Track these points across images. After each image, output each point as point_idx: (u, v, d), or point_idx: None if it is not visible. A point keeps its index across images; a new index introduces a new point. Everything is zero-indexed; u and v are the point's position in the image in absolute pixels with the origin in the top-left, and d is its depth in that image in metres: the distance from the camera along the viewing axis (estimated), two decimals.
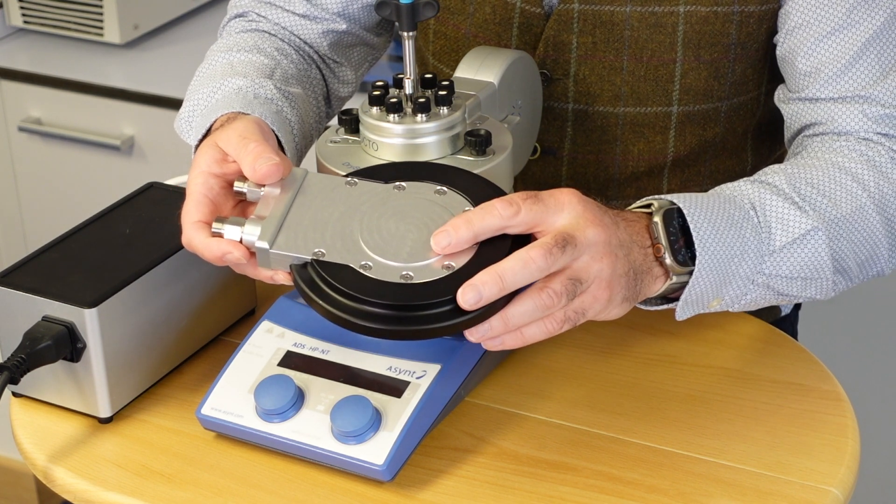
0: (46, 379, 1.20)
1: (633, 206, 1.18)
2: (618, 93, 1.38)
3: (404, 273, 1.09)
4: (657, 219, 1.15)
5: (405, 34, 1.19)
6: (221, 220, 1.13)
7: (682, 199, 1.16)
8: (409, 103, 1.21)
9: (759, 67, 1.39)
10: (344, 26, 1.44)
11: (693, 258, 1.15)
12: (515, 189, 1.38)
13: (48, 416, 1.21)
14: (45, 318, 1.17)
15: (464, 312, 1.07)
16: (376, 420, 1.12)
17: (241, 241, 1.12)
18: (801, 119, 1.31)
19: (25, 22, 2.55)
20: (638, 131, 1.39)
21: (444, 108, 1.21)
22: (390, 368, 1.15)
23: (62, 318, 1.17)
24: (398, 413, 1.12)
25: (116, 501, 1.13)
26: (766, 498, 1.11)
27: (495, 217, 1.08)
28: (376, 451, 1.11)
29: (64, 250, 1.23)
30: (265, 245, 1.11)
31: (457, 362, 1.17)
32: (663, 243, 1.14)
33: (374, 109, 1.21)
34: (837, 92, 1.28)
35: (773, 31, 1.35)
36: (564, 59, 1.38)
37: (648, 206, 1.17)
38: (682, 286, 1.16)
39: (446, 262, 1.09)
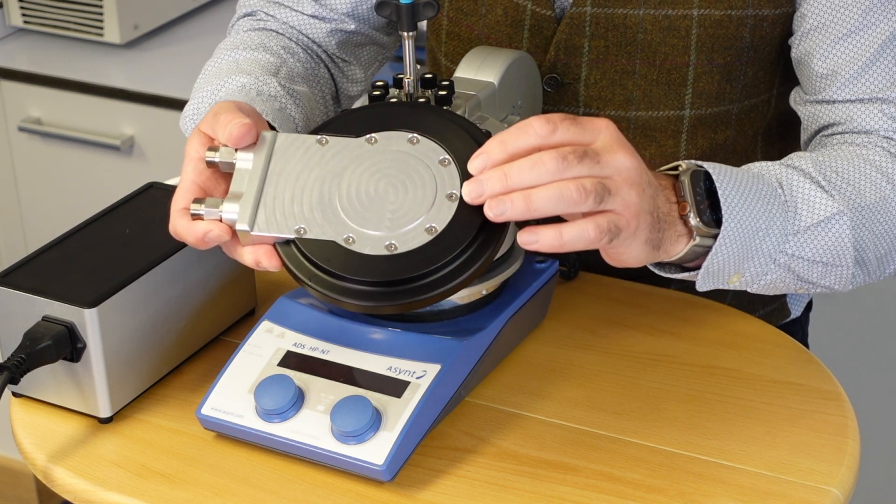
0: (46, 379, 1.20)
1: (660, 169, 1.17)
2: (629, 97, 1.38)
3: (388, 243, 1.09)
4: (685, 178, 1.14)
5: (405, 34, 1.19)
6: (199, 200, 1.13)
7: (710, 165, 1.15)
8: None
9: (771, 70, 1.39)
10: (353, 26, 1.44)
11: (717, 222, 1.14)
12: None
13: (48, 416, 1.21)
14: (45, 318, 1.17)
15: (451, 280, 1.08)
16: (376, 420, 1.12)
17: (221, 221, 1.12)
18: (820, 120, 1.31)
19: (25, 22, 2.55)
20: (649, 135, 1.39)
21: (444, 108, 1.21)
22: (390, 368, 1.15)
23: (62, 318, 1.17)
24: (398, 413, 1.12)
25: (116, 501, 1.13)
26: (766, 498, 1.11)
27: (531, 136, 1.06)
28: (376, 451, 1.11)
29: (64, 250, 1.23)
30: (245, 227, 1.11)
31: (457, 362, 1.17)
32: (689, 201, 1.13)
33: None
34: (855, 94, 1.28)
35: (787, 34, 1.35)
36: (576, 63, 1.38)
37: (675, 168, 1.16)
38: (703, 254, 1.15)
39: (428, 225, 1.09)
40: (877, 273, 1.24)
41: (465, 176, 1.10)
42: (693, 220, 1.13)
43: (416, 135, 1.13)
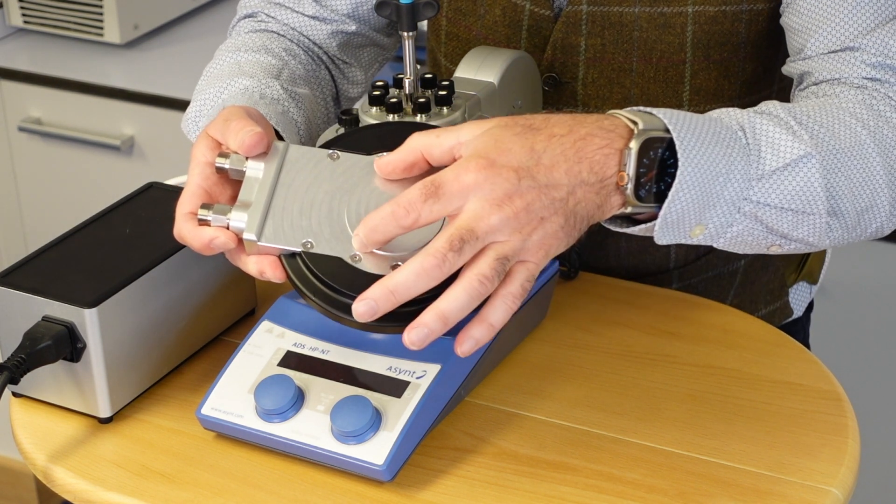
0: (46, 379, 1.20)
1: (626, 112, 1.10)
2: (627, 95, 1.38)
3: (394, 264, 1.09)
4: (633, 146, 1.07)
5: (405, 34, 1.19)
6: (207, 206, 1.13)
7: (663, 111, 1.09)
8: (409, 103, 1.21)
9: (770, 66, 1.39)
10: (353, 27, 1.44)
11: (658, 196, 1.09)
12: None
13: (48, 416, 1.21)
14: (45, 318, 1.17)
15: None
16: (376, 420, 1.12)
17: (227, 228, 1.12)
18: (795, 73, 1.28)
19: (25, 22, 2.55)
20: None
21: (444, 108, 1.21)
22: (390, 368, 1.15)
23: (62, 318, 1.17)
24: (398, 413, 1.12)
25: (116, 501, 1.13)
26: (766, 498, 1.11)
27: (395, 228, 1.05)
28: (376, 451, 1.11)
29: (64, 250, 1.23)
30: (253, 237, 1.11)
31: (457, 362, 1.17)
32: (629, 174, 1.07)
33: (374, 109, 1.21)
34: (828, 47, 1.25)
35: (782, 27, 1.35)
36: (573, 61, 1.38)
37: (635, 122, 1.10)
38: (648, 214, 1.11)
39: None
40: (857, 230, 1.18)
41: None
42: (628, 192, 1.08)
43: None
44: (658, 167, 1.08)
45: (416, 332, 1.05)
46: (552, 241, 1.06)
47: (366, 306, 1.04)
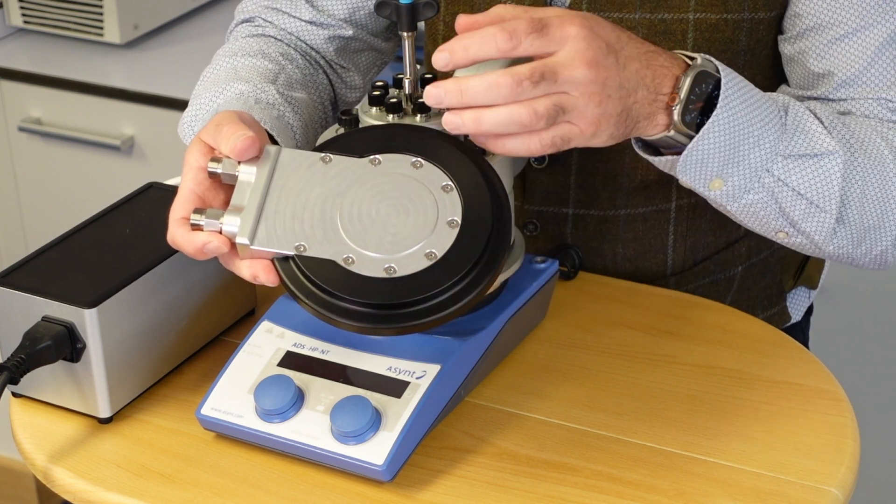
0: (46, 379, 1.20)
1: (684, 52, 1.18)
2: None
3: (387, 266, 1.09)
4: (689, 75, 1.14)
5: (405, 34, 1.19)
6: (199, 211, 1.13)
7: (724, 67, 1.16)
8: (409, 103, 1.21)
9: (769, 73, 1.39)
10: (350, 32, 1.44)
11: (699, 127, 1.15)
12: (517, 198, 1.38)
13: (48, 416, 1.21)
14: (45, 318, 1.17)
15: (447, 307, 1.08)
16: (376, 420, 1.12)
17: (220, 232, 1.12)
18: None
19: (25, 22, 2.55)
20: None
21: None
22: (390, 368, 1.15)
23: (62, 318, 1.17)
24: (398, 413, 1.12)
25: (116, 501, 1.13)
26: (766, 498, 1.11)
27: (492, 49, 1.08)
28: (376, 451, 1.11)
29: (64, 250, 1.23)
30: (245, 241, 1.11)
31: (457, 362, 1.17)
32: (681, 97, 1.14)
33: (374, 109, 1.21)
34: (851, 95, 1.28)
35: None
36: None
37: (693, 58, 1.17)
38: (678, 149, 1.16)
39: (428, 251, 1.09)
40: (861, 247, 1.22)
41: (466, 203, 1.11)
42: (675, 115, 1.14)
43: (419, 159, 1.13)
44: (705, 102, 1.15)
45: (453, 118, 1.08)
46: (604, 122, 1.10)
47: (436, 91, 1.08)
